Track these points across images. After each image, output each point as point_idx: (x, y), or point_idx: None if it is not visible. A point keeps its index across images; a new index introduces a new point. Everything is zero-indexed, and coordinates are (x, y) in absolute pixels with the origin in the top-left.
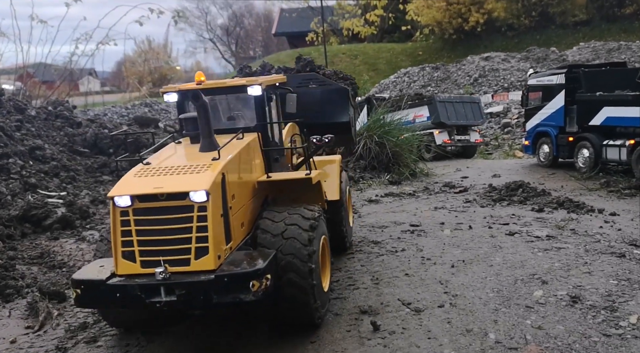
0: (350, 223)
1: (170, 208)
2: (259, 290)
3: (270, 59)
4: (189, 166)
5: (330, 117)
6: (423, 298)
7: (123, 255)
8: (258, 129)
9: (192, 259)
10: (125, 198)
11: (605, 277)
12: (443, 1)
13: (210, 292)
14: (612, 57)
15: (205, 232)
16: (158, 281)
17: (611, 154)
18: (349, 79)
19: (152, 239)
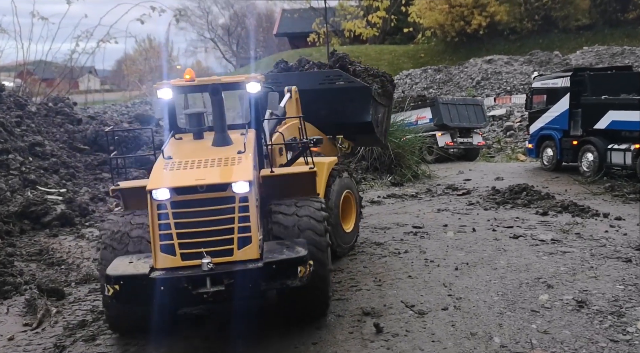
0: (346, 229)
1: (210, 200)
2: (304, 275)
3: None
4: (219, 159)
5: (351, 116)
6: (427, 301)
7: (162, 249)
8: (255, 126)
9: (235, 249)
10: (163, 191)
11: (612, 282)
12: (445, 4)
13: (258, 279)
14: (616, 61)
15: (248, 222)
16: (205, 272)
17: (616, 158)
18: (380, 76)
19: (191, 231)
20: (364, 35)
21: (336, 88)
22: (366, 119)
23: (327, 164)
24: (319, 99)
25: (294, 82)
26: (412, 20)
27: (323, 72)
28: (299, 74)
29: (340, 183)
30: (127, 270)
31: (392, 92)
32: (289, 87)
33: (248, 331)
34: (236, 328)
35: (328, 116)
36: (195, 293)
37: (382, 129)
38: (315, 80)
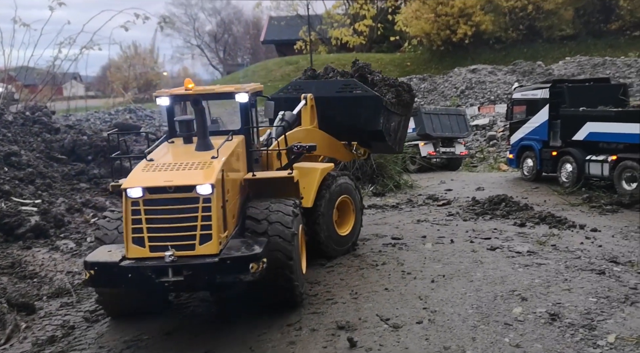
0: (341, 232)
1: (177, 200)
2: (257, 271)
3: (258, 66)
4: (192, 163)
5: (364, 124)
6: (402, 314)
7: (133, 241)
8: (243, 132)
9: (197, 244)
10: (137, 190)
11: (585, 295)
12: (431, 13)
13: (214, 272)
14: (597, 72)
15: (209, 221)
16: (167, 263)
17: (594, 169)
18: (396, 85)
19: (160, 227)
20: (350, 43)
21: (350, 96)
22: (377, 127)
23: (321, 170)
24: (336, 107)
25: (314, 89)
26: (398, 29)
27: (340, 81)
28: (318, 82)
29: (335, 188)
30: (102, 258)
31: (409, 101)
32: (305, 95)
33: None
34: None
35: (343, 123)
36: (158, 281)
37: (395, 137)
38: (332, 89)
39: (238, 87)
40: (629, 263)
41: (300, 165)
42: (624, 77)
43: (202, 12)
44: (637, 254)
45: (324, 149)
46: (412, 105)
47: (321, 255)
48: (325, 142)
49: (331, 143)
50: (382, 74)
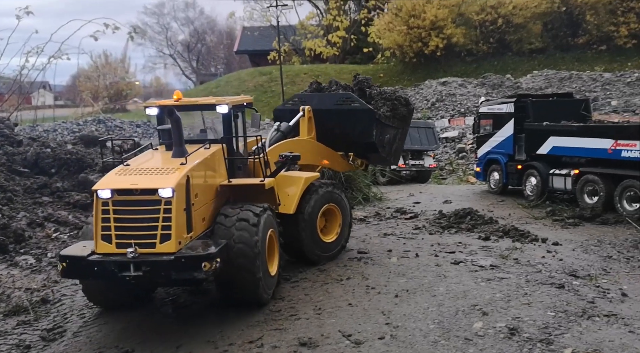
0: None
1: (142, 201)
2: (209, 270)
3: (231, 76)
4: (160, 168)
5: (358, 136)
6: (364, 330)
7: (102, 238)
8: (224, 141)
9: (158, 243)
10: (106, 192)
11: (544, 309)
12: (404, 25)
13: (170, 269)
14: (564, 85)
15: (170, 222)
16: (129, 259)
17: (557, 183)
18: (392, 99)
19: (125, 225)
20: (324, 54)
21: (346, 109)
22: (370, 139)
23: (305, 179)
24: (333, 119)
25: (315, 101)
26: (371, 41)
27: (338, 94)
28: (319, 95)
29: (319, 197)
30: (73, 252)
31: (405, 114)
32: (303, 106)
33: None
34: None
35: (339, 134)
36: (120, 275)
37: (389, 149)
38: (331, 101)
39: (219, 99)
40: (587, 276)
41: (286, 174)
42: (589, 90)
43: (175, 21)
44: (596, 268)
45: (316, 159)
46: (410, 118)
47: (305, 260)
48: (319, 152)
49: (326, 153)
50: (380, 88)
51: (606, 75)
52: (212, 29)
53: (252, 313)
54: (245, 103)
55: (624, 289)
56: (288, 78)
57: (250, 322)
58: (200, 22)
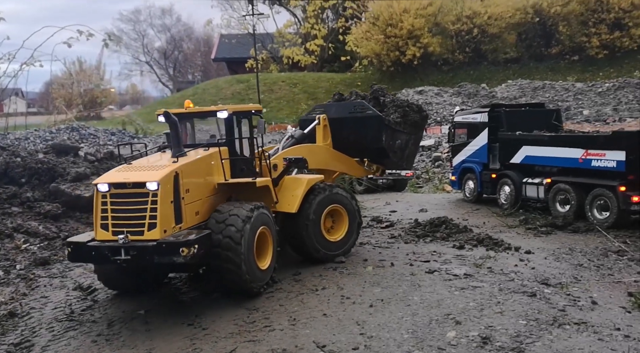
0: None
1: (133, 194)
2: (187, 255)
3: (209, 84)
4: (153, 166)
5: (370, 142)
6: (338, 340)
7: (101, 226)
8: (226, 143)
9: (146, 231)
10: (104, 186)
11: (516, 317)
12: (381, 34)
13: (153, 254)
14: (537, 95)
15: (155, 212)
16: (119, 244)
17: (530, 192)
18: (404, 106)
19: (120, 215)
20: (302, 62)
21: (359, 117)
22: (379, 145)
23: (308, 180)
24: (348, 126)
25: (333, 110)
26: (349, 49)
27: (352, 103)
28: (336, 104)
29: (323, 197)
30: (77, 239)
31: (417, 120)
32: (319, 115)
33: None
34: None
35: (354, 141)
36: (113, 259)
37: (402, 154)
38: (346, 110)
39: (222, 106)
40: (559, 285)
41: (292, 176)
42: (562, 100)
43: (152, 28)
44: (567, 276)
45: (331, 164)
46: (423, 124)
47: (310, 258)
48: (334, 158)
49: (341, 159)
50: (394, 96)
51: (578, 85)
52: (189, 36)
53: (226, 324)
54: (253, 110)
55: (594, 297)
56: (266, 86)
57: (224, 334)
58: (177, 29)
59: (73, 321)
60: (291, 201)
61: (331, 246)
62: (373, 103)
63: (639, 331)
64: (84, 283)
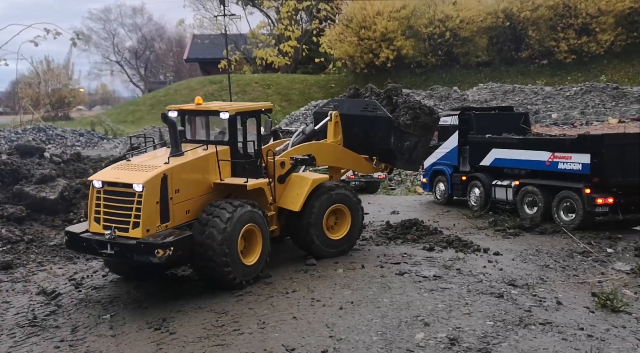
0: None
1: (122, 193)
2: (162, 256)
3: (181, 85)
4: (145, 166)
5: (378, 142)
6: (307, 343)
7: (94, 219)
8: (229, 143)
9: (130, 229)
10: (98, 182)
11: (483, 318)
12: (355, 36)
13: (133, 252)
14: (508, 98)
15: (139, 212)
16: (106, 239)
17: (499, 194)
18: (415, 108)
19: (111, 211)
20: (275, 63)
21: (369, 116)
22: (387, 146)
23: (313, 180)
24: (359, 124)
25: (346, 106)
26: (323, 51)
27: (363, 101)
28: (350, 100)
29: (327, 197)
30: (73, 228)
31: (427, 122)
32: (331, 111)
33: None
34: None
35: (364, 139)
36: (99, 251)
37: (410, 156)
38: (358, 107)
39: (225, 106)
40: (525, 286)
41: (298, 175)
42: (531, 103)
43: (122, 27)
44: (534, 277)
45: (340, 162)
46: (434, 127)
47: (312, 253)
48: (341, 155)
49: (349, 156)
50: (407, 96)
51: (547, 89)
52: (161, 36)
53: (194, 328)
54: (263, 109)
55: (559, 297)
56: (239, 87)
57: (191, 338)
58: (148, 28)
59: (36, 326)
60: (295, 199)
61: (333, 244)
62: (386, 102)
63: (602, 331)
64: (47, 287)
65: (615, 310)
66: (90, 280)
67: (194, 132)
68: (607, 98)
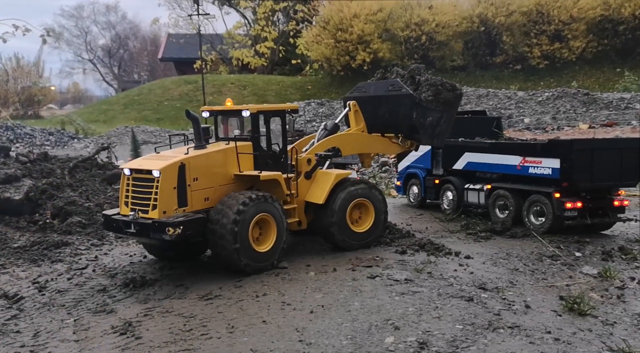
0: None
1: (145, 179)
2: (173, 234)
3: (155, 84)
4: (168, 156)
5: (402, 119)
6: (277, 348)
7: (124, 203)
8: (251, 139)
9: (150, 210)
10: (127, 170)
11: (453, 322)
12: (331, 38)
13: (149, 230)
14: (482, 102)
15: (156, 195)
16: (130, 220)
17: (471, 197)
18: (437, 85)
19: (135, 195)
20: (252, 64)
21: (392, 95)
22: (410, 122)
23: (336, 175)
24: (384, 104)
25: (372, 89)
26: (300, 52)
27: (388, 81)
28: (375, 83)
29: (349, 191)
30: (108, 212)
31: (449, 98)
32: (349, 102)
33: None
34: None
35: (389, 119)
36: (125, 230)
37: (433, 132)
38: (383, 88)
39: (251, 106)
40: (495, 289)
41: (323, 171)
42: (505, 108)
43: (95, 25)
44: (504, 280)
45: (367, 148)
46: (457, 103)
47: (336, 245)
48: (366, 141)
49: (374, 141)
50: (429, 75)
51: (520, 94)
52: (135, 35)
53: (161, 332)
54: (289, 110)
55: (528, 301)
56: (215, 87)
57: (157, 343)
58: (122, 27)
59: None
60: (320, 193)
61: (356, 237)
62: (409, 82)
63: (569, 334)
64: (9, 291)
65: (582, 314)
66: (55, 283)
67: (225, 130)
68: (578, 104)
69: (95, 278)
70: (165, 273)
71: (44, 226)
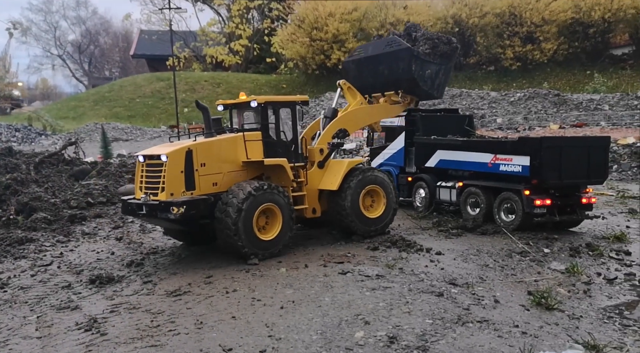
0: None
1: (156, 164)
2: (177, 213)
3: (126, 81)
4: (178, 143)
5: (401, 73)
6: (246, 343)
7: (139, 188)
8: (260, 128)
9: (159, 193)
10: (141, 157)
11: (423, 316)
12: (306, 37)
13: (157, 210)
14: (455, 102)
15: (164, 179)
16: (141, 202)
17: (443, 195)
18: (434, 39)
19: (149, 180)
20: (226, 62)
21: (390, 51)
22: (409, 76)
23: (348, 163)
24: (383, 61)
25: (370, 49)
26: (275, 51)
27: (385, 39)
28: (372, 43)
29: (361, 178)
30: (125, 197)
31: (447, 51)
32: (338, 81)
33: None
34: None
35: (388, 75)
36: (137, 212)
37: (432, 83)
38: (381, 47)
39: (259, 97)
40: (465, 284)
41: (335, 160)
42: (478, 108)
43: (65, 20)
44: (474, 276)
45: (369, 119)
46: (454, 55)
47: (350, 231)
48: (369, 111)
49: (375, 109)
50: (424, 29)
51: (493, 94)
52: (106, 31)
53: (128, 329)
54: (299, 101)
55: (497, 296)
56: (188, 85)
57: (123, 339)
58: (93, 22)
59: None
60: (333, 180)
61: (369, 222)
62: (407, 39)
63: (536, 328)
64: None
65: (549, 308)
66: (18, 279)
67: (239, 121)
68: (549, 104)
69: (60, 275)
70: (133, 270)
71: (8, 222)
